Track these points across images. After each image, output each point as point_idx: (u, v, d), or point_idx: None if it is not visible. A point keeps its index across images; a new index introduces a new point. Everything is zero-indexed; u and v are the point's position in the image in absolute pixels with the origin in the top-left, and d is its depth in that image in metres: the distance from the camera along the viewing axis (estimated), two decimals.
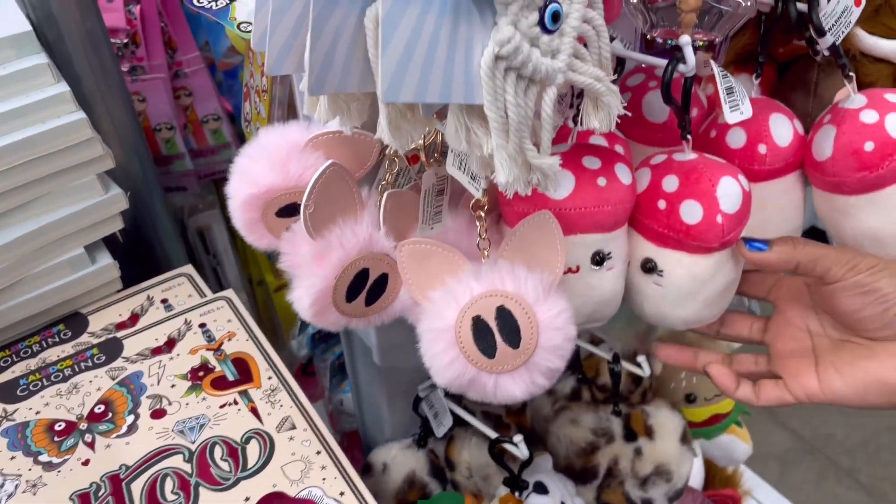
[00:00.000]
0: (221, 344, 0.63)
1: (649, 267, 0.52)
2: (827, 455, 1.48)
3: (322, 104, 0.42)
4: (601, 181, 0.49)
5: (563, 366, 0.49)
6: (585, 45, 0.41)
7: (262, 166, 0.52)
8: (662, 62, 0.50)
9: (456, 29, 0.34)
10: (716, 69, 0.52)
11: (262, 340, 0.63)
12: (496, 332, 0.47)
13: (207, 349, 0.63)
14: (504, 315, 0.47)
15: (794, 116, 0.59)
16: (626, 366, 0.71)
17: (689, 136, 0.53)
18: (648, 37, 0.53)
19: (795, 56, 0.64)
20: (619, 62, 0.55)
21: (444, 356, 0.48)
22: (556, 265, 0.49)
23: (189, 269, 0.72)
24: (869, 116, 0.54)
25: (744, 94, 0.52)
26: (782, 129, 0.57)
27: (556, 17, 0.37)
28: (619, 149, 0.59)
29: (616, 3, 0.49)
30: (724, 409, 0.95)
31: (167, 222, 0.81)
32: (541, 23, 0.37)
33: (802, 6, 0.55)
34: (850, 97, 0.56)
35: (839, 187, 0.56)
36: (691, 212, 0.51)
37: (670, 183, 0.52)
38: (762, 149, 0.57)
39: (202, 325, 0.65)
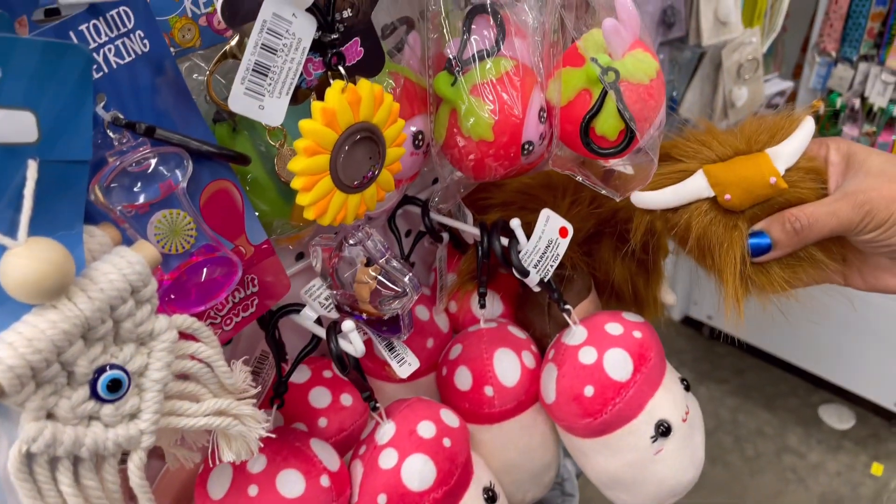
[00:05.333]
0: None
1: None
2: None
3: None
4: (252, 490, 0.42)
5: None
6: None
7: None
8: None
9: None
10: (367, 329, 0.47)
11: None
12: None
13: None
14: None
15: (524, 347, 0.55)
16: None
17: (378, 406, 0.48)
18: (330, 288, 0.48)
19: None
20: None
21: None
22: None
23: None
24: (588, 356, 0.50)
25: (405, 348, 0.48)
26: (508, 367, 0.53)
27: (114, 385, 0.31)
28: (344, 399, 0.53)
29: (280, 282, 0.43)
30: None
31: None
32: (94, 396, 0.30)
33: (506, 241, 0.52)
34: (572, 330, 0.52)
35: (571, 430, 0.51)
36: None
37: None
38: (489, 391, 0.52)
39: None
